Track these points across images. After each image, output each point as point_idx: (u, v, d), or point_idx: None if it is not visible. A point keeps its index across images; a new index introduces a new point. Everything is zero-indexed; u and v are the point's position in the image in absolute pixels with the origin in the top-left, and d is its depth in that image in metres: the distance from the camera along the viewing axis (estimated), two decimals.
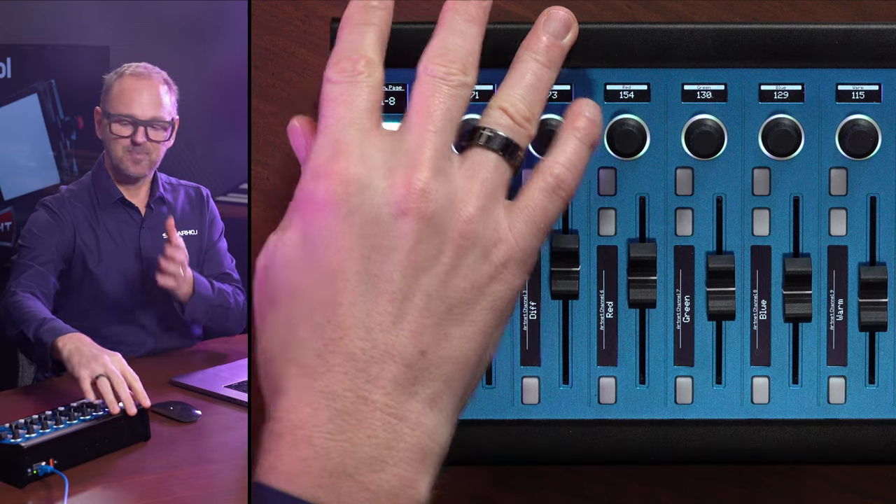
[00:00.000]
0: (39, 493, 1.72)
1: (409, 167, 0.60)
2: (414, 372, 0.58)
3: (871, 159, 0.76)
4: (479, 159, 0.62)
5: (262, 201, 0.85)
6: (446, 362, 0.59)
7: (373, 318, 0.58)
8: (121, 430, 1.90)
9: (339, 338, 0.58)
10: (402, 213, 0.59)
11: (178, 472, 1.85)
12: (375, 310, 0.58)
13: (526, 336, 0.76)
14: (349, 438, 0.57)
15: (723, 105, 0.76)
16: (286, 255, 0.60)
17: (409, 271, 0.59)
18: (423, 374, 0.59)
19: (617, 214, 0.76)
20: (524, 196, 0.63)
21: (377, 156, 0.60)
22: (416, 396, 0.58)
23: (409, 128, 0.62)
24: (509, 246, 0.62)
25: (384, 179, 0.60)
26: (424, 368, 0.59)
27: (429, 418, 0.59)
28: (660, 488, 0.85)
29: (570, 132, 0.66)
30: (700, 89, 0.76)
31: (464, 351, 0.60)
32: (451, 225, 0.60)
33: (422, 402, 0.59)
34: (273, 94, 0.84)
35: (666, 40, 0.75)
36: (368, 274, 0.58)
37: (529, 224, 0.62)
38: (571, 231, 0.76)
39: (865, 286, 0.76)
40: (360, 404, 0.58)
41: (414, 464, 0.58)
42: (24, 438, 1.74)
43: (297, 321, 0.59)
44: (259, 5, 0.84)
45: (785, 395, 0.77)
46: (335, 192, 0.60)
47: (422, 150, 0.61)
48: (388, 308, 0.58)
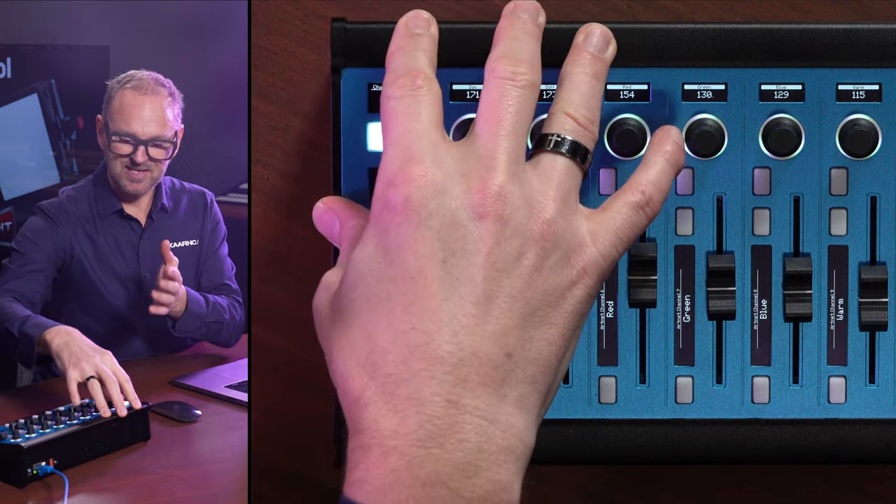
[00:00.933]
0: (39, 493, 1.72)
1: (483, 171, 0.60)
2: (501, 374, 0.58)
3: (871, 159, 0.76)
4: (550, 163, 0.63)
5: (262, 201, 0.85)
6: (531, 364, 0.59)
7: (458, 320, 0.58)
8: (121, 430, 1.90)
9: (424, 343, 0.57)
10: (479, 216, 0.59)
11: (178, 472, 1.85)
12: (460, 312, 0.58)
13: None
14: (441, 445, 0.56)
15: (723, 105, 0.76)
16: (359, 270, 0.60)
17: (491, 273, 0.59)
18: (510, 375, 0.58)
19: None
20: (611, 208, 0.64)
21: (450, 162, 0.61)
22: (506, 399, 0.58)
23: (480, 133, 0.62)
24: (591, 253, 0.62)
25: (460, 184, 0.60)
26: (511, 370, 0.58)
27: (519, 420, 0.58)
28: (660, 488, 0.85)
29: (658, 154, 0.67)
30: (700, 89, 0.76)
31: (546, 353, 0.60)
32: (531, 227, 0.60)
33: (511, 405, 0.58)
34: (273, 94, 0.84)
35: (666, 40, 0.76)
36: (450, 277, 0.58)
37: (612, 235, 0.63)
38: None
39: (865, 286, 0.76)
40: (450, 408, 0.57)
41: (506, 466, 0.58)
42: (24, 438, 1.74)
43: (378, 332, 0.58)
44: (259, 5, 0.84)
45: (785, 395, 0.77)
46: (412, 197, 0.60)
47: (495, 154, 0.61)
48: (472, 310, 0.58)
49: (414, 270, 0.58)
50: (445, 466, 0.56)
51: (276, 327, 0.85)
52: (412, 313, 0.58)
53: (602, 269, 0.62)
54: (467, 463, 0.57)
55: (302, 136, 0.84)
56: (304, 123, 0.84)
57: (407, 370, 0.57)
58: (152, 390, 2.17)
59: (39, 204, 2.49)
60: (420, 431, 0.57)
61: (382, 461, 0.57)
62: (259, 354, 0.85)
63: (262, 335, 0.85)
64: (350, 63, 0.77)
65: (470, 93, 0.77)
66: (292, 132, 0.84)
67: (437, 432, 0.57)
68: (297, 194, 0.84)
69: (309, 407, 0.85)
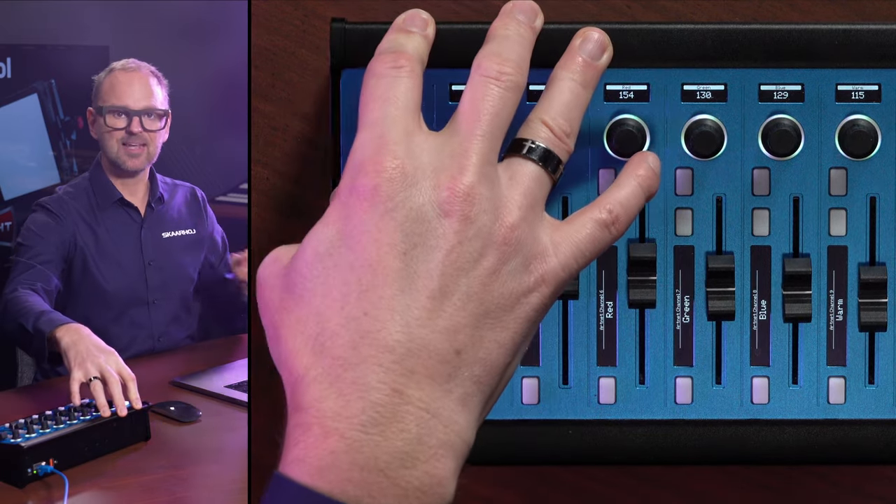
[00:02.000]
0: (39, 493, 1.72)
1: (455, 169, 0.60)
2: (448, 369, 0.58)
3: (870, 159, 0.76)
4: (521, 169, 0.63)
5: (261, 201, 0.85)
6: (479, 364, 0.59)
7: (411, 312, 0.58)
8: (121, 430, 1.90)
9: (376, 330, 0.58)
10: (445, 213, 0.59)
11: (178, 472, 1.85)
12: (414, 305, 0.58)
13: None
14: (381, 432, 0.57)
15: (723, 105, 0.76)
16: (318, 251, 0.60)
17: (450, 271, 0.59)
18: (457, 372, 0.59)
19: None
20: (576, 222, 0.64)
21: (423, 155, 0.61)
22: (450, 395, 0.58)
23: (457, 130, 0.62)
24: (551, 263, 0.62)
25: (429, 179, 0.60)
26: (458, 367, 0.59)
27: (461, 417, 0.59)
28: (660, 488, 0.85)
29: (631, 176, 0.67)
30: (700, 89, 0.76)
31: (495, 355, 0.60)
32: (494, 230, 0.60)
33: (455, 401, 0.59)
34: (273, 94, 0.84)
35: (666, 40, 0.75)
36: (408, 270, 0.59)
37: (574, 248, 0.63)
38: None
39: (865, 286, 0.76)
40: (394, 397, 0.57)
41: (444, 461, 0.58)
42: (24, 438, 1.74)
43: (330, 314, 0.59)
44: (259, 5, 0.84)
45: (785, 396, 0.77)
46: (380, 186, 0.60)
47: (468, 153, 0.61)
48: (426, 304, 0.58)
49: (374, 259, 0.59)
50: (384, 454, 0.57)
51: None
52: (367, 300, 0.58)
53: (560, 280, 0.62)
54: (406, 453, 0.57)
55: (302, 137, 0.84)
56: (304, 123, 0.84)
57: (355, 355, 0.58)
58: (152, 390, 2.17)
59: (39, 201, 2.52)
60: (362, 416, 0.57)
61: (322, 442, 0.57)
62: (259, 354, 0.85)
63: (262, 335, 0.85)
64: (350, 63, 0.77)
65: None
66: (292, 132, 0.84)
67: (379, 419, 0.57)
68: (297, 194, 0.84)
69: None
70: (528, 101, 0.76)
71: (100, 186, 2.50)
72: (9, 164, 3.54)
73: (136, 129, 2.45)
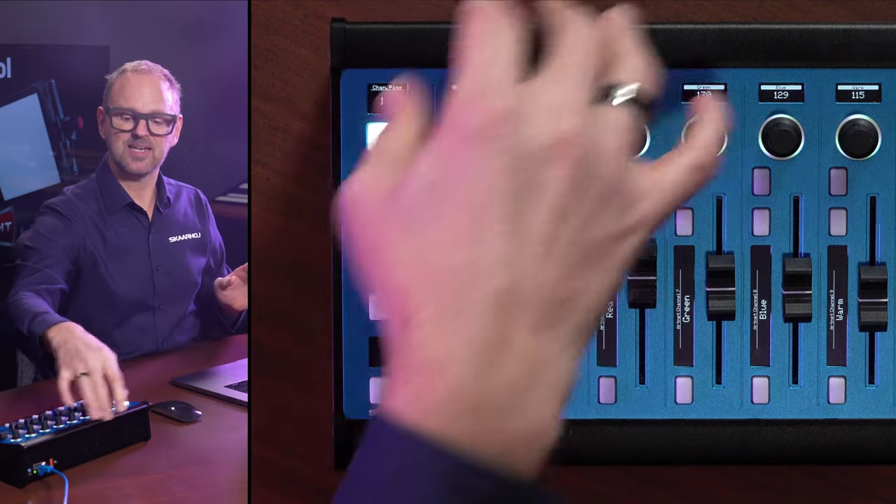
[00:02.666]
0: (39, 493, 1.72)
1: (560, 113, 0.60)
2: (556, 316, 0.58)
3: (870, 159, 0.76)
4: (617, 115, 0.62)
5: (261, 201, 0.85)
6: (584, 310, 0.59)
7: (520, 257, 0.57)
8: (121, 430, 1.90)
9: (484, 275, 0.57)
10: (553, 157, 0.58)
11: (178, 472, 1.85)
12: (522, 251, 0.57)
13: None
14: (487, 377, 0.56)
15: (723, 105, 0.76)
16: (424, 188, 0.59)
17: (557, 215, 0.58)
18: (564, 318, 0.58)
19: None
20: (667, 167, 0.63)
21: (528, 100, 0.60)
22: (557, 341, 0.58)
23: (560, 75, 0.61)
24: (645, 209, 0.61)
25: (537, 123, 0.59)
26: (566, 313, 0.58)
27: (566, 363, 0.58)
28: (660, 488, 0.85)
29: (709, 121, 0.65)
30: (700, 89, 0.76)
31: (599, 300, 0.59)
32: (599, 174, 0.60)
33: (561, 348, 0.58)
34: (273, 94, 0.84)
35: (666, 40, 0.75)
36: (518, 214, 0.58)
37: (668, 195, 0.62)
38: None
39: (865, 286, 0.76)
40: (501, 343, 0.56)
41: (549, 407, 0.57)
42: (24, 438, 1.74)
43: (438, 256, 0.58)
44: (259, 5, 0.84)
45: (785, 395, 0.77)
46: (487, 129, 0.59)
47: (575, 98, 0.60)
48: (535, 250, 0.58)
49: (481, 202, 0.58)
50: (490, 399, 0.56)
51: (276, 327, 0.85)
52: (474, 244, 0.57)
53: (650, 226, 0.62)
54: (511, 399, 0.56)
55: (302, 136, 0.84)
56: (304, 123, 0.84)
57: (465, 301, 0.57)
58: (152, 390, 2.17)
59: (49, 203, 2.49)
60: (469, 361, 0.56)
61: (427, 385, 0.56)
62: (259, 354, 0.85)
63: (262, 335, 0.85)
64: (350, 63, 0.77)
65: None
66: (292, 132, 0.84)
67: (485, 365, 0.56)
68: (297, 194, 0.84)
69: (309, 407, 0.85)
70: None
71: (108, 189, 2.49)
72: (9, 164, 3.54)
73: (142, 132, 2.43)
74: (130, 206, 2.48)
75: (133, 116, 2.44)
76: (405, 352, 0.57)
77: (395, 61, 0.77)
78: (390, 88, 0.76)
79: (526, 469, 0.57)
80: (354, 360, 0.79)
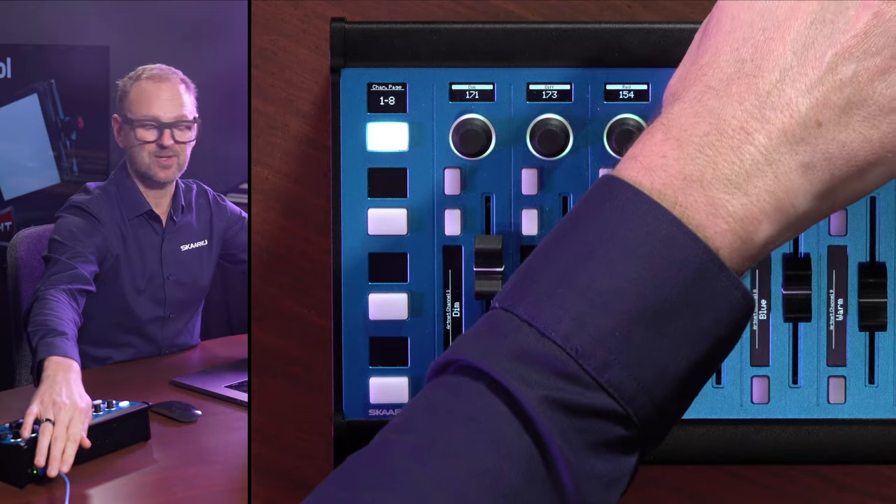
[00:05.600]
0: (39, 493, 1.72)
1: None
2: (802, 133, 0.61)
3: None
4: None
5: (261, 201, 0.85)
6: (836, 144, 0.61)
7: (791, 71, 0.61)
8: (121, 430, 1.90)
9: (753, 74, 0.61)
10: (866, 4, 0.62)
11: (178, 472, 1.85)
12: (797, 68, 0.61)
13: None
14: (715, 155, 0.60)
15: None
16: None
17: (844, 52, 0.61)
18: (812, 139, 0.61)
19: None
20: None
21: None
22: (795, 155, 0.61)
23: None
24: None
25: None
26: (815, 136, 0.61)
27: (795, 177, 0.61)
28: (660, 488, 0.85)
29: None
30: None
31: (856, 145, 0.62)
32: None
33: (796, 162, 0.61)
34: (273, 94, 0.84)
35: (666, 40, 0.75)
36: (807, 37, 0.61)
37: None
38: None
39: (865, 286, 0.76)
40: (740, 133, 0.60)
41: (763, 204, 0.60)
42: (24, 438, 1.74)
43: (724, 49, 0.62)
44: (259, 5, 0.84)
45: (784, 395, 0.77)
46: None
47: None
48: (808, 71, 0.61)
49: (783, 15, 0.62)
50: (711, 173, 0.60)
51: (276, 327, 0.85)
52: (759, 47, 0.62)
53: None
54: (731, 181, 0.60)
55: (302, 136, 0.84)
56: (304, 123, 0.84)
57: (726, 89, 0.61)
58: (152, 390, 2.18)
59: (76, 202, 2.43)
60: (705, 137, 0.60)
61: (660, 145, 0.60)
62: (259, 354, 0.85)
63: (262, 335, 0.85)
64: (350, 63, 0.77)
65: (469, 93, 0.77)
66: (292, 132, 0.84)
67: (718, 145, 0.60)
68: (297, 194, 0.84)
69: (309, 407, 0.85)
70: (528, 101, 0.77)
71: (127, 195, 2.45)
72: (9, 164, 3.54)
73: (168, 141, 2.40)
74: (148, 213, 2.46)
75: (157, 126, 2.40)
76: (658, 118, 0.62)
77: (395, 61, 0.77)
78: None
79: (724, 252, 0.60)
80: (354, 360, 0.79)
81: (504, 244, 0.77)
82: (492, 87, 0.76)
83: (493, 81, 0.76)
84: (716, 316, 0.59)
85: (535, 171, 0.77)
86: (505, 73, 0.76)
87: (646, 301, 0.58)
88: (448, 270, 0.78)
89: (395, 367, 0.79)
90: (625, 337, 0.58)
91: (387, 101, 0.77)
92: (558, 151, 0.76)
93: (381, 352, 0.79)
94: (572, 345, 0.58)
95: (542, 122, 0.76)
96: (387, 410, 0.79)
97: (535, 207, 0.77)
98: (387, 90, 0.77)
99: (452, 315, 0.78)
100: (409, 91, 0.77)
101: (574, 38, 0.76)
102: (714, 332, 0.59)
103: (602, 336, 0.58)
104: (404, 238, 0.78)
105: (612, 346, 0.58)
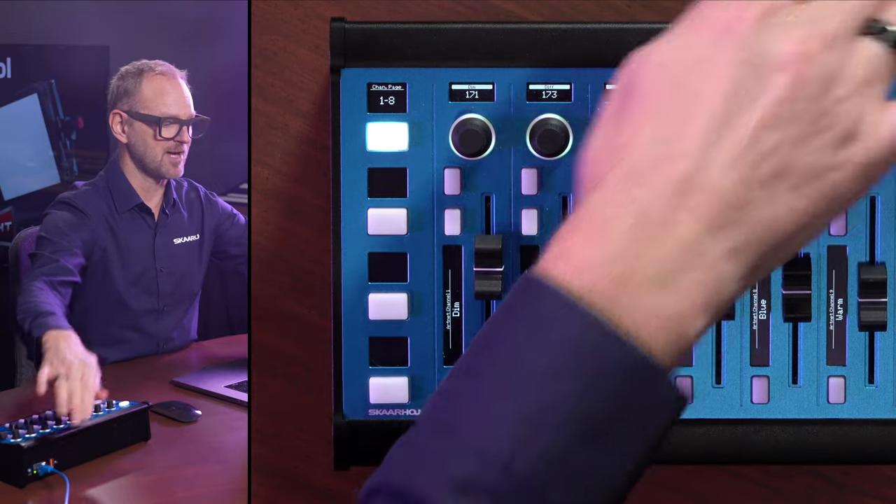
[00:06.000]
0: (39, 493, 1.72)
1: (809, 30, 0.60)
2: (729, 217, 0.59)
3: None
4: (868, 48, 0.62)
5: (261, 201, 0.85)
6: (762, 224, 0.59)
7: (712, 152, 0.59)
8: (121, 430, 1.90)
9: (673, 157, 0.59)
10: (781, 68, 0.59)
11: (178, 472, 1.85)
12: (718, 145, 0.59)
13: None
14: (643, 250, 0.58)
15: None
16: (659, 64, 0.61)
17: (764, 123, 0.59)
18: (736, 223, 0.59)
19: None
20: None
21: (783, 12, 0.61)
22: (720, 242, 0.59)
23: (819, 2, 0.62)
24: (868, 146, 0.61)
25: (781, 32, 0.60)
26: (739, 219, 0.59)
27: (723, 265, 0.59)
28: (660, 488, 0.85)
29: None
30: None
31: (783, 221, 0.60)
32: (821, 99, 0.60)
33: (724, 249, 0.59)
34: (273, 94, 0.84)
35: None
36: (727, 111, 0.59)
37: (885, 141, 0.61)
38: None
39: (865, 286, 0.76)
40: (667, 223, 0.58)
41: (694, 299, 0.58)
42: (24, 438, 1.74)
43: (646, 126, 0.60)
44: (259, 5, 0.84)
45: (784, 395, 0.77)
46: (731, 25, 0.60)
47: (827, 21, 0.61)
48: (729, 148, 0.59)
49: (698, 88, 0.59)
50: (640, 271, 0.58)
51: (276, 327, 0.85)
52: (676, 127, 0.59)
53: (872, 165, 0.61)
54: (661, 279, 0.58)
55: (302, 136, 0.84)
56: (304, 123, 0.84)
57: (647, 175, 0.59)
58: (152, 390, 2.18)
59: (64, 198, 2.46)
60: (631, 231, 0.58)
61: (585, 243, 0.58)
62: (259, 354, 0.85)
63: (262, 335, 0.85)
64: (350, 63, 0.77)
65: (469, 93, 0.77)
66: (292, 132, 0.84)
67: (645, 237, 0.58)
68: (297, 194, 0.84)
69: (309, 407, 0.85)
70: (528, 101, 0.77)
71: (119, 189, 2.47)
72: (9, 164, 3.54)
73: (186, 138, 2.44)
74: (139, 206, 2.48)
75: (177, 123, 2.42)
76: (579, 209, 0.59)
77: (394, 61, 0.77)
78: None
79: (658, 353, 0.57)
80: (354, 360, 0.79)
81: (504, 244, 0.77)
82: (492, 87, 0.76)
83: (493, 81, 0.76)
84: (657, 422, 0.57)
85: (534, 171, 0.77)
86: (505, 73, 0.76)
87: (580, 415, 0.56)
88: (448, 270, 0.78)
89: (395, 367, 0.79)
90: (562, 456, 0.56)
91: (387, 101, 0.77)
92: (558, 151, 0.76)
93: (381, 352, 0.79)
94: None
95: (542, 122, 0.76)
96: (387, 410, 0.79)
97: (534, 207, 0.77)
98: (387, 90, 0.77)
99: (452, 315, 0.78)
100: (408, 91, 0.77)
101: (574, 38, 0.76)
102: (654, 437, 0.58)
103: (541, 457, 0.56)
104: (404, 238, 0.78)
105: (551, 466, 0.56)
